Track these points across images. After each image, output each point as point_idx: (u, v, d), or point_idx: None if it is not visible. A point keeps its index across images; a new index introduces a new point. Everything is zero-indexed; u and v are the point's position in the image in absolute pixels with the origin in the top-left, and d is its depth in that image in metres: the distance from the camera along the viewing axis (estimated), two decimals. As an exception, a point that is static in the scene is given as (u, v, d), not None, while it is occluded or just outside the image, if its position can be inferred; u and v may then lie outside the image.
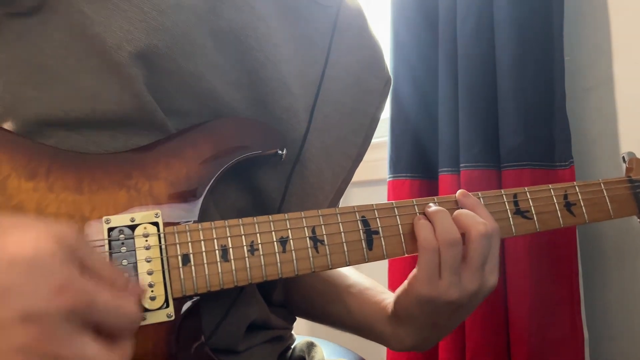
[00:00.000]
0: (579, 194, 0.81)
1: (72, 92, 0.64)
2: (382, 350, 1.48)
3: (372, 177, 1.63)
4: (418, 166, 1.42)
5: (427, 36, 1.41)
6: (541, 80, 1.21)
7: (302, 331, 1.17)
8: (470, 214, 0.72)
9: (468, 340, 1.28)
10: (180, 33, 0.67)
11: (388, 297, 0.83)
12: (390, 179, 1.44)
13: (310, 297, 0.90)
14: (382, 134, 1.59)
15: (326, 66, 0.81)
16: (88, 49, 0.64)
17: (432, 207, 0.73)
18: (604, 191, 0.83)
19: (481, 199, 0.76)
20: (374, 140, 0.95)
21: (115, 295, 0.48)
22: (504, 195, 0.77)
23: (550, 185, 0.80)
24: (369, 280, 0.89)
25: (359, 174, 0.97)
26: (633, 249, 1.18)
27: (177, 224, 0.63)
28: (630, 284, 1.19)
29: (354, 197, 1.66)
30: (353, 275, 0.91)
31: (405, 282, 0.74)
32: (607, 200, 0.83)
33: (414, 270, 0.72)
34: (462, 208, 0.74)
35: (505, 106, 1.23)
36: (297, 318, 0.93)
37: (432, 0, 1.39)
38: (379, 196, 1.60)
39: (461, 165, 1.29)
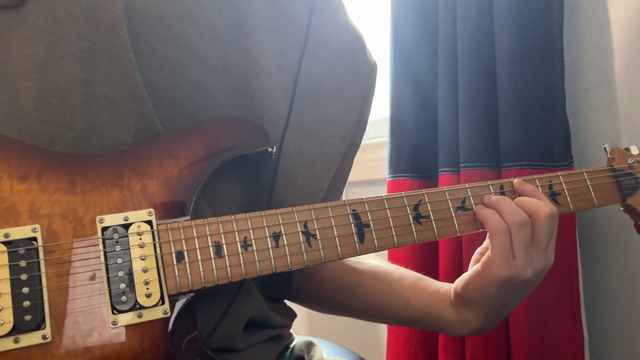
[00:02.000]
0: (563, 183, 0.83)
1: (63, 78, 0.64)
2: (382, 350, 1.48)
3: (372, 177, 1.64)
4: (418, 166, 1.43)
5: (427, 36, 1.42)
6: (541, 80, 1.22)
7: (302, 331, 1.17)
8: (532, 199, 0.77)
9: (468, 339, 1.28)
10: (151, 15, 0.67)
11: (443, 285, 0.85)
12: (390, 178, 1.45)
13: (348, 294, 0.91)
14: (382, 134, 1.60)
15: (306, 45, 0.81)
16: (77, 33, 0.64)
17: (493, 197, 0.77)
18: (588, 180, 0.85)
19: (468, 189, 0.78)
20: (374, 141, 0.95)
21: None
22: (490, 187, 0.80)
23: (535, 176, 0.82)
24: (411, 271, 0.91)
25: (359, 174, 0.97)
26: (633, 248, 1.18)
27: (171, 221, 0.63)
28: (630, 283, 1.19)
29: (354, 197, 1.65)
30: (393, 267, 0.92)
31: (477, 267, 0.77)
32: (591, 189, 0.85)
33: (487, 254, 0.75)
34: (520, 195, 0.80)
35: (505, 106, 1.24)
36: (296, 317, 0.93)
37: (432, 0, 1.40)
38: (379, 196, 1.60)
39: (461, 165, 1.29)
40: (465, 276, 0.80)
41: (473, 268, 0.78)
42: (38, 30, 0.64)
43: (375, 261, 0.94)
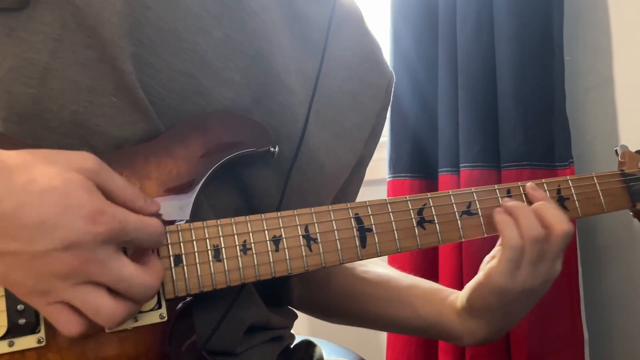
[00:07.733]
0: (572, 188, 0.81)
1: (67, 85, 0.63)
2: (382, 350, 1.48)
3: (372, 177, 1.62)
4: (418, 166, 1.43)
5: (427, 36, 1.41)
6: (541, 81, 1.21)
7: (302, 331, 1.17)
8: (553, 211, 0.75)
9: (468, 340, 1.28)
10: (165, 28, 0.66)
11: (450, 293, 0.84)
12: (390, 179, 1.45)
13: (358, 303, 0.91)
14: (382, 134, 1.59)
15: (322, 61, 0.80)
16: (85, 41, 0.63)
17: (512, 202, 0.75)
18: (597, 185, 0.82)
19: (474, 193, 0.76)
20: (373, 140, 0.94)
21: (140, 216, 0.54)
22: (497, 190, 0.77)
23: (543, 180, 0.80)
24: (419, 278, 0.91)
25: (358, 174, 0.97)
26: (634, 248, 1.18)
27: (169, 223, 0.62)
28: (630, 283, 1.19)
29: (355, 197, 1.65)
30: (401, 275, 0.92)
31: (480, 275, 0.76)
32: (600, 194, 0.82)
33: (493, 262, 0.74)
34: (533, 201, 0.77)
35: (505, 106, 1.23)
36: (297, 318, 0.92)
37: (432, 0, 1.39)
38: (379, 196, 1.58)
39: (461, 165, 1.29)
40: (469, 285, 0.79)
41: (477, 276, 0.78)
42: (42, 36, 0.63)
43: (383, 269, 0.94)
